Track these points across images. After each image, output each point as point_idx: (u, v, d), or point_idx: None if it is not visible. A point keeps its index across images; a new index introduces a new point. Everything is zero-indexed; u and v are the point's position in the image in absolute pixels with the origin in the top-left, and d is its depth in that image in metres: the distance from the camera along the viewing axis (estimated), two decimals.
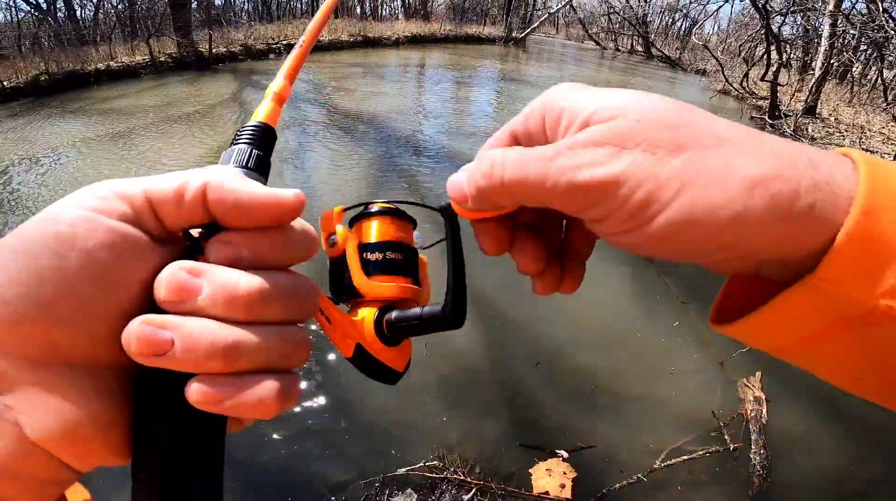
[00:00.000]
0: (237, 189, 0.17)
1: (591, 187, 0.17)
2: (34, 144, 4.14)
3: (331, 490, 1.46)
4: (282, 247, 0.18)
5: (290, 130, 4.84)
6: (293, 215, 0.18)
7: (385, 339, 0.26)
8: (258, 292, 0.17)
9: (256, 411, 0.16)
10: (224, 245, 0.17)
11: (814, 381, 1.08)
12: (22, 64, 6.39)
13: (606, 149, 0.17)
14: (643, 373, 2.01)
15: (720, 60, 9.40)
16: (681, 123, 0.17)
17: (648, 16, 17.52)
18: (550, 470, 1.58)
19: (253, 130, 0.22)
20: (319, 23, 0.29)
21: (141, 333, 0.15)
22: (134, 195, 0.17)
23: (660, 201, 0.16)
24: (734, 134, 0.17)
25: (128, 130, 4.62)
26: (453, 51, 12.68)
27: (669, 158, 0.16)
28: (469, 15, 19.24)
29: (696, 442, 1.72)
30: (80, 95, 5.91)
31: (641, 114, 0.17)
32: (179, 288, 0.16)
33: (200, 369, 0.16)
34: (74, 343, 0.16)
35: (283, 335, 0.17)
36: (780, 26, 10.61)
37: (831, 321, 0.16)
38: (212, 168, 0.18)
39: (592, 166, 0.17)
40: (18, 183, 3.43)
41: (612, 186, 0.16)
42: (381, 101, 6.35)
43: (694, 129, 0.17)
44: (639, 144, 0.17)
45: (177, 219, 0.17)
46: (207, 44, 8.28)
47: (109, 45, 7.94)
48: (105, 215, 0.16)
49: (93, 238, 0.15)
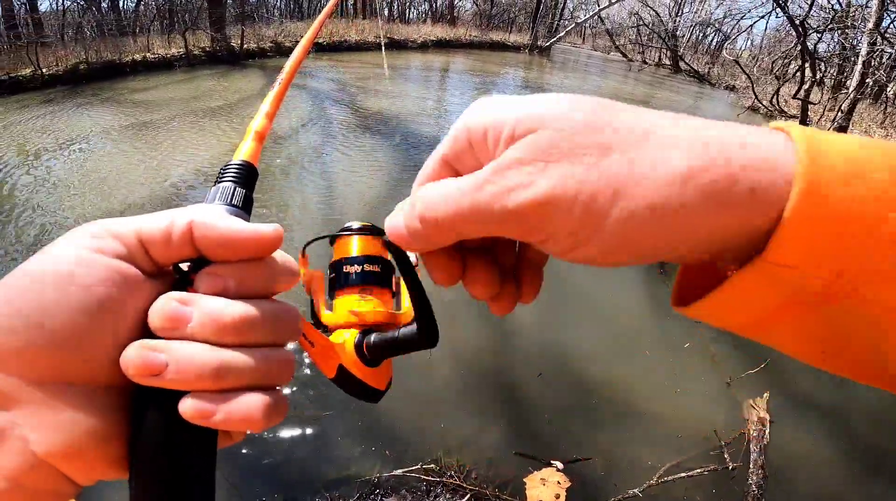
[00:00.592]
0: (221, 226, 0.19)
1: (524, 212, 0.16)
2: (64, 131, 4.30)
3: (325, 487, 1.47)
4: (265, 277, 0.20)
5: (312, 128, 4.94)
6: (273, 247, 0.20)
7: (366, 360, 0.27)
8: (243, 318, 0.18)
9: (244, 424, 0.18)
10: (211, 277, 0.19)
11: (822, 405, 1.06)
12: (63, 52, 6.68)
13: (532, 166, 0.16)
14: (648, 389, 1.99)
15: (751, 76, 9.19)
16: (603, 122, 0.16)
17: (679, 29, 17.29)
18: (545, 480, 1.57)
19: (237, 169, 0.24)
20: (298, 60, 0.31)
21: (138, 356, 0.17)
22: (126, 234, 0.18)
23: (598, 212, 0.16)
24: (660, 125, 0.16)
25: (156, 120, 4.78)
26: (478, 57, 12.73)
27: (597, 163, 0.16)
28: (495, 22, 19.30)
29: (696, 460, 1.70)
30: (114, 85, 6.13)
31: (561, 121, 0.16)
32: (171, 316, 0.18)
33: (192, 387, 0.17)
34: (76, 366, 0.17)
35: (269, 357, 0.19)
36: (816, 43, 10.33)
37: (786, 301, 0.16)
38: (198, 207, 0.20)
39: (522, 188, 0.16)
40: (46, 168, 3.58)
41: (547, 205, 0.16)
42: (403, 103, 6.41)
43: (618, 127, 0.16)
44: (564, 154, 0.16)
45: (166, 255, 0.19)
46: (239, 39, 8.52)
47: (147, 37, 8.23)
48: (101, 254, 0.18)
49: (90, 275, 0.17)
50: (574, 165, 0.16)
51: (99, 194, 3.19)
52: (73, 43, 7.48)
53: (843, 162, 0.15)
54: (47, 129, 4.38)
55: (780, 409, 1.93)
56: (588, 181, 0.16)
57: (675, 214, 0.15)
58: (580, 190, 0.16)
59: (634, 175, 0.15)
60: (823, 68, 9.83)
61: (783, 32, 16.53)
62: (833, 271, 0.15)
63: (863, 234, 0.14)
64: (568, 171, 0.16)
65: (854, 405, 2.05)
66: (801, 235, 0.14)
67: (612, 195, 0.15)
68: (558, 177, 0.16)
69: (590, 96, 0.18)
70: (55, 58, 6.35)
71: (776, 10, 9.59)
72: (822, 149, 0.15)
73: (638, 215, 0.15)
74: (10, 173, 3.44)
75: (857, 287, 0.15)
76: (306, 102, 5.99)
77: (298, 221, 3.06)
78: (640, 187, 0.15)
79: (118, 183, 3.36)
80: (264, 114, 0.27)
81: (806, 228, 0.14)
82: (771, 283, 0.15)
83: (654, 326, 2.40)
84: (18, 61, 6.06)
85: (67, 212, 2.93)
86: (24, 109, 4.96)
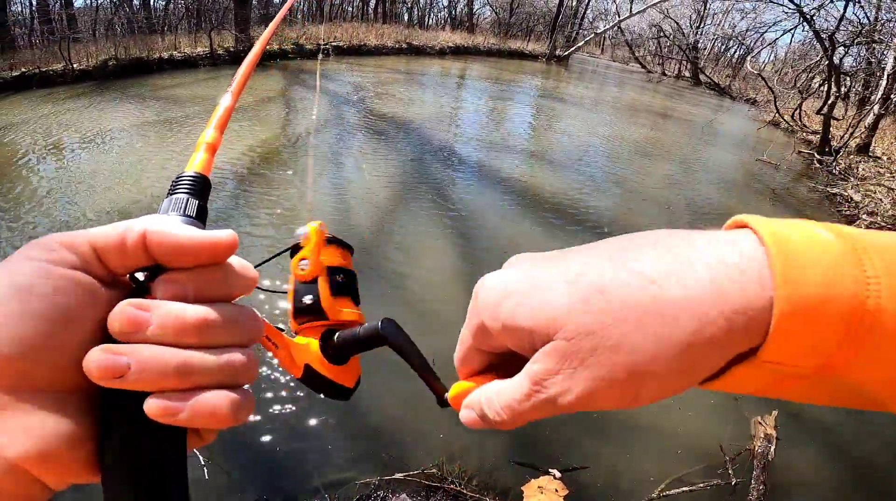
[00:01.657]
0: (175, 233, 0.19)
1: (575, 408, 0.19)
2: (90, 125, 4.45)
3: (325, 487, 1.46)
4: (223, 282, 0.20)
5: (327, 129, 5.03)
6: (228, 253, 0.20)
7: (332, 358, 0.28)
8: (203, 319, 0.19)
9: (210, 420, 0.19)
10: (168, 283, 0.19)
11: (830, 426, 1.06)
12: (94, 48, 6.92)
13: (562, 375, 0.19)
14: (657, 404, 1.96)
15: (774, 90, 9.04)
16: (604, 320, 0.18)
17: (700, 41, 17.14)
18: (542, 488, 1.56)
19: (190, 180, 0.24)
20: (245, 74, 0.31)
21: (100, 359, 0.18)
22: (80, 245, 0.19)
23: (630, 397, 0.19)
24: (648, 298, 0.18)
25: (179, 117, 4.92)
26: (494, 64, 12.79)
27: (612, 358, 0.18)
28: (514, 30, 19.38)
29: (700, 475, 1.68)
30: (140, 81, 6.32)
31: (571, 327, 0.18)
32: (130, 320, 0.18)
33: (156, 387, 0.18)
34: (42, 373, 0.18)
35: (231, 357, 0.20)
36: (843, 57, 10.12)
37: (780, 381, 0.18)
38: (151, 217, 0.21)
39: (565, 394, 0.19)
40: (69, 160, 3.71)
41: (589, 399, 0.19)
42: (418, 108, 6.49)
43: (616, 318, 0.18)
44: (583, 359, 0.18)
45: (121, 263, 0.20)
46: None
47: (175, 35, 8.50)
48: (56, 265, 0.18)
49: (48, 285, 0.18)
50: (595, 369, 0.18)
51: (123, 184, 3.29)
52: (104, 39, 7.74)
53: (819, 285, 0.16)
54: (74, 122, 4.53)
55: (787, 428, 1.90)
56: (614, 379, 0.18)
57: (690, 371, 0.18)
58: (611, 385, 0.18)
59: (646, 360, 0.18)
60: (849, 83, 9.63)
61: (808, 46, 16.24)
62: (819, 363, 0.17)
63: (834, 339, 0.16)
64: (593, 373, 0.18)
65: (863, 429, 2.01)
66: (783, 346, 0.16)
67: (637, 382, 0.18)
68: (588, 379, 0.19)
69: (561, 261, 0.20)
70: (86, 53, 6.58)
71: (802, 24, 9.45)
72: (800, 279, 0.16)
73: (663, 382, 0.18)
74: (36, 163, 3.57)
75: (842, 373, 0.17)
76: (323, 103, 6.10)
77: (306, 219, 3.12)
78: (656, 366, 0.18)
79: (141, 175, 3.46)
80: (215, 126, 0.28)
81: (784, 342, 0.16)
82: (768, 371, 0.17)
83: None
84: (50, 56, 6.30)
85: (94, 200, 3.04)
86: (54, 102, 5.15)
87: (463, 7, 18.82)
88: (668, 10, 16.14)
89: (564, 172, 4.85)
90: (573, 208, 3.87)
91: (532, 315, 0.19)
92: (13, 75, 5.60)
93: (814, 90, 11.35)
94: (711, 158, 6.44)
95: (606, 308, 0.18)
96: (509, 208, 3.75)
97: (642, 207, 4.22)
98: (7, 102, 5.11)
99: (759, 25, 17.31)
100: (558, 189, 4.24)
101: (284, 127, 4.98)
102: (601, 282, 0.19)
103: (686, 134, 7.65)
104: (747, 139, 8.05)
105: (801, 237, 0.17)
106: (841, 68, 8.26)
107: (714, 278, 0.17)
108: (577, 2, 17.69)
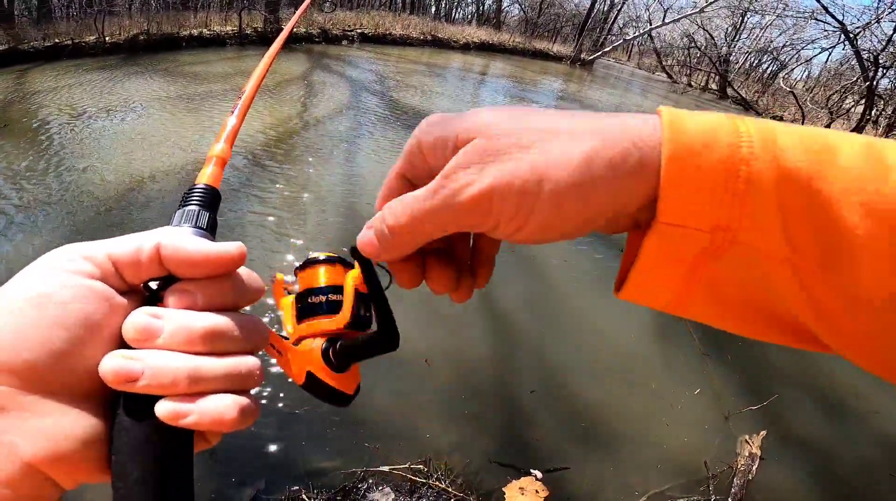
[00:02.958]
0: (188, 246, 0.20)
1: (473, 205, 0.20)
2: (116, 97, 4.54)
3: (309, 475, 1.46)
4: (230, 292, 0.22)
5: (346, 115, 5.07)
6: (237, 264, 0.22)
7: (333, 366, 0.29)
8: (212, 327, 0.20)
9: (217, 423, 0.19)
10: (180, 293, 0.21)
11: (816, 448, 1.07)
12: (127, 22, 7.06)
13: (472, 168, 0.20)
14: (645, 414, 1.97)
15: (804, 108, 8.79)
16: (522, 127, 0.20)
17: (732, 54, 16.72)
18: (524, 489, 1.56)
19: (201, 193, 0.25)
20: (252, 92, 0.32)
21: (115, 364, 0.19)
22: (98, 256, 0.20)
23: (530, 195, 0.19)
24: (567, 124, 0.20)
25: (201, 94, 5.00)
26: (518, 63, 12.68)
27: (521, 157, 0.19)
28: (541, 30, 19.16)
29: (681, 490, 1.68)
30: (168, 57, 6.43)
31: (491, 129, 0.20)
32: (143, 328, 0.19)
33: (167, 391, 0.19)
34: (58, 377, 0.18)
35: (238, 363, 0.21)
36: (880, 79, 9.80)
37: (689, 267, 0.19)
38: (164, 229, 0.22)
39: (468, 186, 0.20)
40: (96, 128, 3.80)
41: (489, 196, 0.19)
42: (437, 101, 6.50)
43: (533, 128, 0.20)
44: (496, 155, 0.19)
45: (136, 274, 0.21)
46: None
47: (207, 13, 8.61)
48: (76, 274, 0.19)
49: (67, 293, 0.19)
50: (504, 163, 0.19)
51: (144, 153, 3.38)
52: (139, 14, 7.89)
53: (699, 133, 0.18)
54: (102, 92, 4.65)
55: (773, 448, 1.89)
56: (517, 173, 0.19)
57: (587, 186, 0.19)
58: (512, 180, 0.19)
59: (550, 162, 0.19)
60: (882, 105, 9.33)
61: (846, 65, 15.68)
62: (710, 224, 0.18)
63: (720, 190, 0.17)
64: (501, 167, 0.19)
65: (849, 454, 1.99)
66: (675, 195, 0.18)
67: (537, 180, 0.19)
68: (494, 173, 0.19)
69: (513, 106, 0.22)
70: (119, 27, 6.72)
71: (843, 43, 9.16)
72: (682, 126, 0.18)
73: (560, 193, 0.19)
74: (61, 130, 3.68)
75: (735, 237, 0.18)
76: (344, 88, 6.13)
77: (321, 204, 3.16)
78: (557, 170, 0.19)
79: (161, 146, 3.55)
80: (224, 139, 0.29)
81: (676, 189, 0.18)
82: (670, 245, 0.19)
83: (657, 353, 2.37)
84: (84, 29, 6.45)
85: (116, 163, 3.12)
86: (83, 72, 5.29)
87: (491, 3, 18.68)
88: (703, 22, 15.78)
89: None
90: None
91: (463, 124, 0.21)
92: (45, 45, 5.75)
93: (843, 112, 11.03)
94: None
95: (528, 123, 0.20)
96: None
97: None
98: (38, 70, 5.26)
99: (797, 42, 16.85)
100: None
101: (301, 112, 5.03)
102: (530, 111, 0.21)
103: None
104: None
105: (695, 115, 0.19)
106: (875, 90, 8.00)
107: (622, 121, 0.20)
108: (609, 7, 17.41)
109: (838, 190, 0.17)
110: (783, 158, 0.17)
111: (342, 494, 1.44)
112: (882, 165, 0.17)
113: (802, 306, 0.18)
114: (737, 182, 0.17)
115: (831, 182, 0.17)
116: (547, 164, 0.19)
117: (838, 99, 12.15)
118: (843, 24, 7.39)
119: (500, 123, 0.20)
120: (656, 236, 0.19)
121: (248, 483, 1.43)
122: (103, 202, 2.73)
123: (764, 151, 0.17)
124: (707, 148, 0.18)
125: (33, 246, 2.29)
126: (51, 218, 2.53)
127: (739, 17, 16.11)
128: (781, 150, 0.17)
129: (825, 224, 0.17)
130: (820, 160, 0.17)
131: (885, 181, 0.17)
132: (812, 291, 0.18)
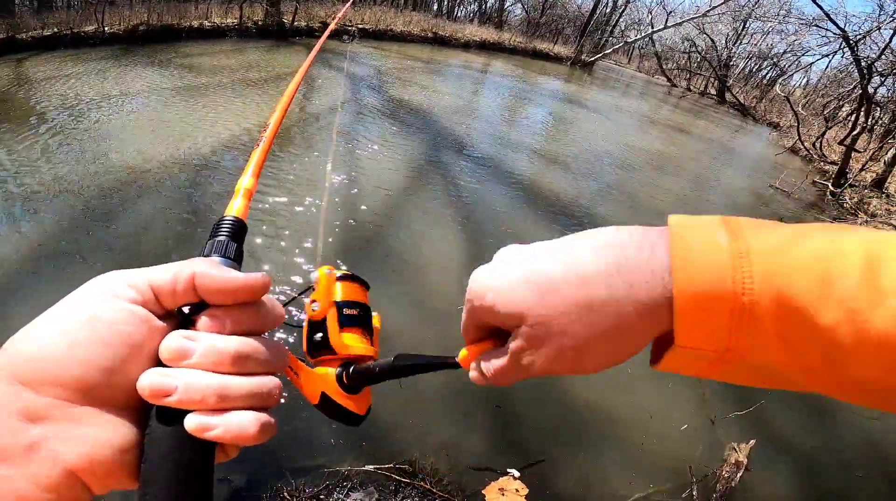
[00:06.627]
0: (219, 276, 0.23)
1: (541, 373, 0.27)
2: (114, 86, 4.53)
3: (293, 473, 1.45)
4: (256, 317, 0.24)
5: (345, 109, 5.07)
6: (262, 293, 0.24)
7: (346, 388, 0.31)
8: (238, 350, 0.23)
9: (239, 437, 0.22)
10: (211, 318, 0.23)
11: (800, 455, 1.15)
12: (128, 13, 7.02)
13: (531, 351, 0.26)
14: (633, 418, 1.98)
15: (799, 116, 8.86)
16: (554, 312, 0.25)
17: (732, 59, 16.79)
18: (504, 490, 1.56)
19: (230, 224, 0.27)
20: (277, 124, 0.36)
21: (152, 381, 0.21)
22: (140, 283, 0.23)
23: (576, 364, 0.26)
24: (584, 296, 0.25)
25: (199, 85, 5.00)
26: (518, 63, 12.67)
27: (561, 342, 0.25)
28: (542, 31, 19.15)
29: (665, 494, 1.69)
30: (167, 48, 6.40)
31: (532, 318, 0.26)
32: (178, 350, 0.22)
33: (197, 406, 0.21)
34: (102, 391, 0.21)
35: (261, 383, 0.23)
36: (878, 87, 9.86)
37: (709, 363, 0.23)
38: (198, 260, 0.25)
39: (533, 364, 0.27)
40: (93, 119, 3.79)
41: (548, 369, 0.27)
42: (436, 98, 6.50)
43: (563, 309, 0.25)
44: (543, 341, 0.26)
45: (172, 301, 0.23)
46: (291, 16, 8.75)
47: (208, 5, 8.57)
48: (121, 299, 0.22)
49: (113, 315, 0.21)
50: (551, 347, 0.26)
51: (143, 143, 3.39)
52: (139, 4, 7.85)
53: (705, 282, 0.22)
54: (99, 82, 4.63)
55: (758, 454, 1.90)
56: (563, 354, 0.26)
57: (613, 355, 0.26)
58: (561, 359, 0.26)
59: (583, 342, 0.25)
60: (877, 115, 9.41)
61: (844, 73, 15.77)
62: (720, 349, 0.22)
63: (725, 329, 0.21)
64: (549, 350, 0.26)
65: (831, 461, 2.02)
66: (689, 330, 0.22)
67: (578, 357, 0.26)
68: (547, 354, 0.26)
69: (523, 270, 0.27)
70: (119, 17, 6.69)
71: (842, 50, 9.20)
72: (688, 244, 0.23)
73: (598, 359, 0.26)
74: (60, 119, 3.68)
75: (743, 356, 0.22)
76: (344, 83, 6.13)
77: (317, 196, 3.18)
78: (590, 345, 0.25)
79: (157, 137, 3.56)
80: (252, 173, 0.31)
81: (687, 334, 0.22)
82: (689, 358, 0.23)
83: (644, 357, 2.38)
84: (85, 18, 6.42)
85: (118, 149, 3.14)
86: (82, 62, 5.26)
87: (494, 2, 18.65)
88: (705, 26, 15.84)
89: (573, 174, 4.87)
90: (577, 210, 3.92)
91: (505, 308, 0.27)
92: (44, 34, 5.72)
93: (839, 120, 11.12)
94: (724, 177, 6.37)
95: (555, 304, 0.25)
96: (515, 203, 3.80)
97: (645, 218, 4.23)
98: (37, 59, 5.24)
99: (798, 48, 16.92)
100: (565, 190, 4.27)
101: (304, 105, 5.05)
102: (552, 283, 0.26)
103: (701, 151, 7.57)
104: (763, 163, 7.94)
105: (701, 244, 0.22)
106: (873, 98, 8.07)
107: (632, 282, 0.24)
108: (612, 9, 17.42)
109: (832, 320, 0.20)
110: (782, 296, 0.20)
111: (325, 492, 1.43)
112: (877, 294, 0.19)
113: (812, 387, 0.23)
114: (741, 320, 0.21)
115: (825, 314, 0.20)
116: (582, 343, 0.25)
117: (834, 107, 12.24)
118: (844, 31, 7.44)
119: (532, 310, 0.26)
120: (675, 354, 0.23)
121: (227, 479, 1.41)
122: (103, 189, 2.74)
123: (764, 288, 0.21)
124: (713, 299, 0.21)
125: (27, 233, 2.30)
126: (50, 204, 2.54)
127: (741, 23, 16.17)
128: (779, 288, 0.21)
129: (824, 347, 0.20)
130: (819, 295, 0.20)
131: (878, 307, 0.19)
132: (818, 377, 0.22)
